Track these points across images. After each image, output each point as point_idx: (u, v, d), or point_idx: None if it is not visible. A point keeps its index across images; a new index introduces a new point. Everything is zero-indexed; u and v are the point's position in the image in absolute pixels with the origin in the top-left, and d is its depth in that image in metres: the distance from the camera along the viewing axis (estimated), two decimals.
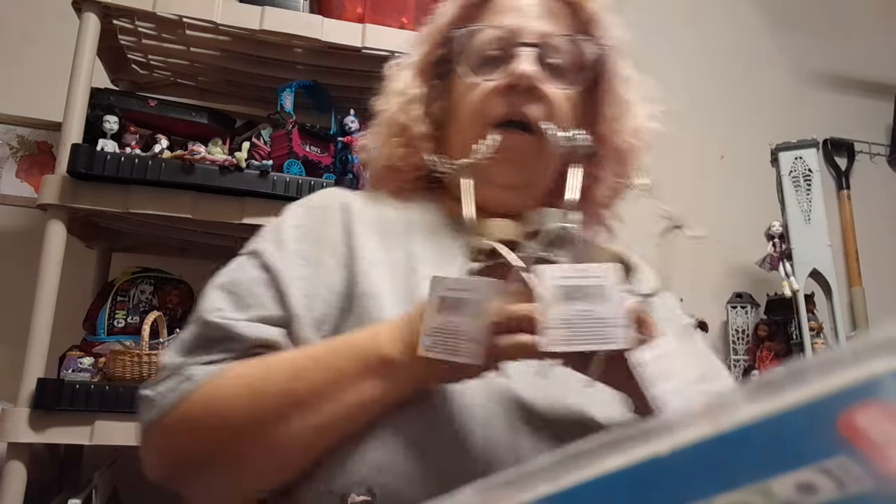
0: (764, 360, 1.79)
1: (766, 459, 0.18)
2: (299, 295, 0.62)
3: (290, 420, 0.55)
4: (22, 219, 1.54)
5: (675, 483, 0.19)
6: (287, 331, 0.62)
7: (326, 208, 0.71)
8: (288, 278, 0.63)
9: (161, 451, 0.61)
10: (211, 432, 0.58)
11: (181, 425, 0.59)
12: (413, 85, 0.75)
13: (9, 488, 1.07)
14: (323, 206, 0.71)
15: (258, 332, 0.61)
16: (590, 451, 0.19)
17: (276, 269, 0.63)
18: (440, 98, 0.76)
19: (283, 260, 0.64)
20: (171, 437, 0.60)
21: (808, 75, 2.21)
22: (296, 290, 0.62)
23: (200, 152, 1.19)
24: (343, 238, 0.67)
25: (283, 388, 0.56)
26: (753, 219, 1.91)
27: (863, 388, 0.17)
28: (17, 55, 1.61)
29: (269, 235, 0.68)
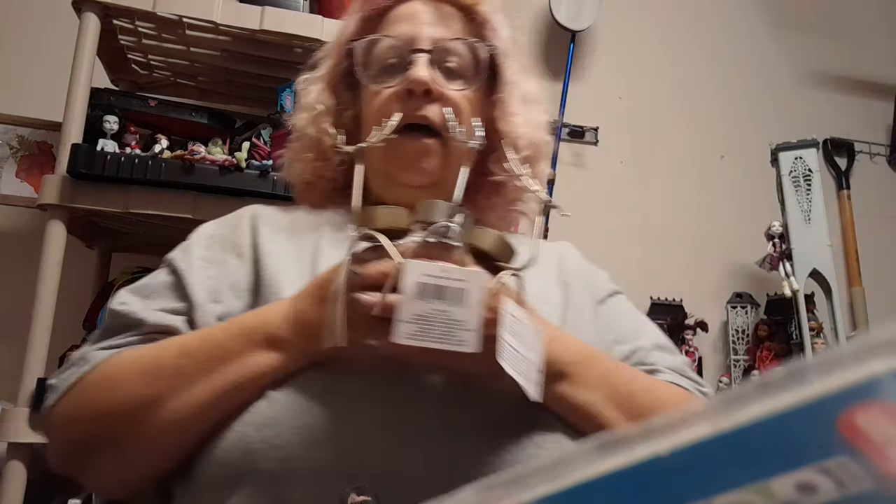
0: (764, 360, 1.79)
1: (765, 459, 0.18)
2: (202, 291, 0.66)
3: (179, 395, 0.57)
4: (22, 219, 1.54)
5: (675, 483, 0.19)
6: (188, 319, 0.64)
7: (238, 217, 0.76)
8: (190, 276, 0.66)
9: (58, 435, 0.63)
10: (104, 410, 0.59)
11: (76, 406, 0.60)
12: (322, 98, 0.79)
13: (9, 488, 1.07)
14: (235, 217, 0.76)
15: (158, 318, 0.64)
16: (590, 451, 0.19)
17: (180, 270, 0.67)
18: (350, 108, 0.80)
19: (186, 262, 0.68)
20: (67, 421, 0.61)
21: (808, 75, 2.21)
22: (198, 287, 0.66)
23: (200, 152, 1.19)
24: (250, 241, 0.71)
25: (172, 364, 0.58)
26: (753, 219, 1.91)
27: (863, 388, 0.17)
28: (17, 55, 1.61)
29: (180, 246, 0.72)
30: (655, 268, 1.97)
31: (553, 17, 1.92)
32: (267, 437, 0.53)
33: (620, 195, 2.02)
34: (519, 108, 0.78)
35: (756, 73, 2.17)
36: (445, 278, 0.51)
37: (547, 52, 2.04)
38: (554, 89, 2.00)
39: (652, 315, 1.92)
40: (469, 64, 0.76)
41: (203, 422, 0.57)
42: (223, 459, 0.55)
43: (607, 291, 0.79)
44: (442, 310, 0.50)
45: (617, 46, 2.09)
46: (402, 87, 0.72)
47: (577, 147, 2.02)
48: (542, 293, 0.70)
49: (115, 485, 0.64)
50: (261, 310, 0.62)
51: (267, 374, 0.57)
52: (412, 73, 0.71)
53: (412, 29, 0.75)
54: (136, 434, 0.58)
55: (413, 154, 0.72)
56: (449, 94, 0.73)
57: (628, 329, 0.74)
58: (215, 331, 0.61)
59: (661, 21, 2.14)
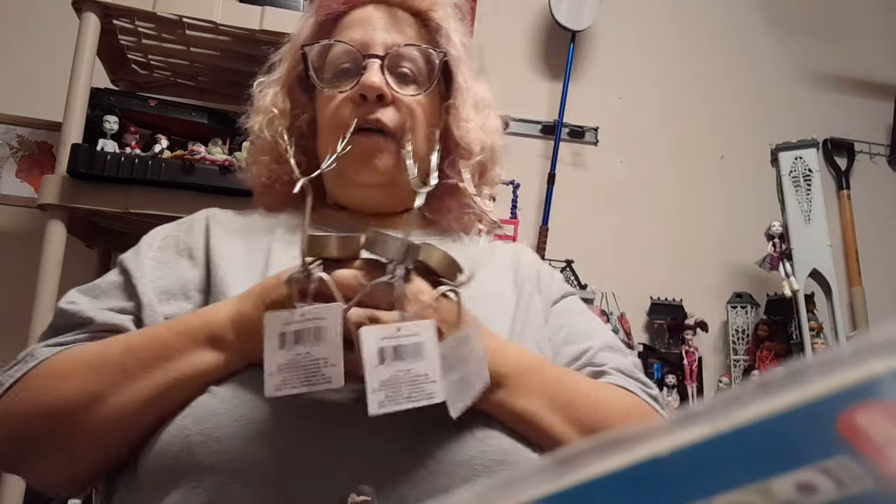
0: (764, 360, 1.79)
1: (765, 459, 0.18)
2: (151, 291, 0.66)
3: (122, 391, 0.57)
4: (22, 219, 1.54)
5: (675, 483, 0.19)
6: (136, 318, 0.65)
7: (193, 220, 0.76)
8: (140, 276, 0.67)
9: (1, 431, 0.62)
10: (46, 406, 0.59)
11: (18, 402, 0.60)
12: (276, 102, 0.80)
13: (9, 488, 1.07)
14: (189, 220, 0.77)
15: (105, 316, 0.64)
16: (590, 451, 0.19)
17: (129, 270, 0.68)
18: (306, 112, 0.81)
19: (136, 262, 0.69)
20: (9, 416, 0.60)
21: (808, 75, 2.21)
22: (147, 287, 0.66)
23: (200, 152, 1.19)
24: (203, 243, 0.71)
25: (116, 361, 0.58)
26: (753, 219, 1.91)
27: (863, 388, 0.17)
28: (17, 55, 1.61)
29: (133, 248, 0.73)
30: (655, 268, 1.97)
31: (553, 17, 1.92)
32: (206, 430, 0.53)
33: (620, 195, 2.02)
34: (471, 113, 0.79)
35: (756, 73, 2.17)
36: (401, 336, 0.51)
37: (547, 52, 2.04)
38: (554, 89, 2.00)
39: (652, 315, 1.92)
40: (422, 70, 0.77)
41: (144, 418, 0.57)
42: (163, 453, 0.55)
43: (560, 293, 0.80)
44: (404, 369, 0.51)
45: (617, 46, 2.09)
46: (356, 92, 0.73)
47: (577, 147, 2.02)
48: (495, 294, 0.72)
49: (59, 481, 0.63)
50: (206, 309, 0.62)
51: (208, 373, 0.57)
52: (365, 78, 0.72)
53: (366, 34, 0.76)
54: (79, 430, 0.58)
55: (366, 152, 0.73)
56: (401, 100, 0.74)
57: (579, 330, 0.75)
58: (161, 329, 0.61)
59: (660, 21, 2.14)
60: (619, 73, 2.08)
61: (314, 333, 0.51)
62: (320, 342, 0.51)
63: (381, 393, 0.50)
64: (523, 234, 1.86)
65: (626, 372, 0.71)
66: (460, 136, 0.77)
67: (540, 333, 0.72)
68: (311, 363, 0.51)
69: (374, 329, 0.52)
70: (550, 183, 1.92)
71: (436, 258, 0.57)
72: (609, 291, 1.85)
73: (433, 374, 0.51)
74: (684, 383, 1.80)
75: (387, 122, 0.73)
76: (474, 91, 0.80)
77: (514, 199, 1.85)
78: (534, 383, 0.60)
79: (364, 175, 0.75)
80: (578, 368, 0.71)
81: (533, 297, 0.75)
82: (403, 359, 0.51)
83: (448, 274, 0.58)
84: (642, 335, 1.92)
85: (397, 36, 0.76)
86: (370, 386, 0.50)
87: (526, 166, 1.95)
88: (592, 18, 1.93)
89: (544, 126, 1.99)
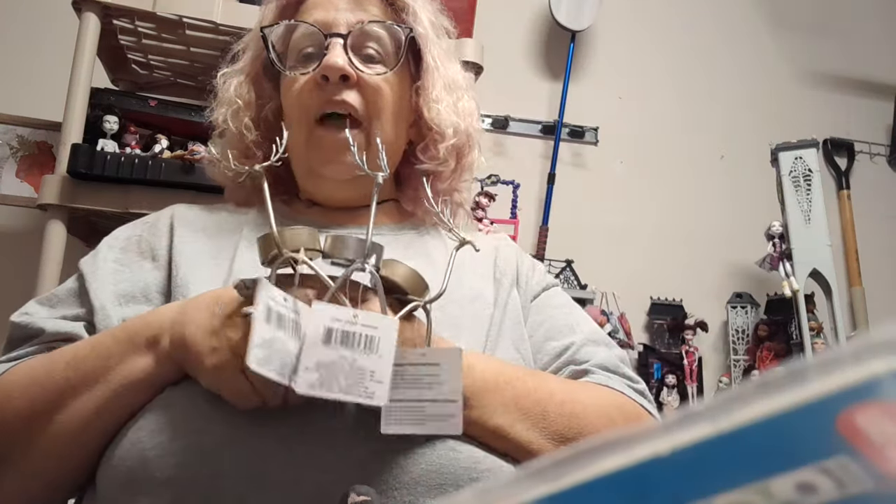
0: (764, 360, 1.79)
1: (765, 459, 0.18)
2: (107, 294, 0.64)
3: (67, 407, 0.55)
4: (22, 219, 1.54)
5: (675, 483, 0.19)
6: (88, 324, 0.63)
7: (157, 218, 0.74)
8: (94, 281, 0.65)
9: None
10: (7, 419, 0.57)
11: None
12: (241, 92, 0.77)
13: None
14: (154, 217, 0.74)
15: (56, 326, 0.63)
16: (590, 451, 0.19)
17: (84, 274, 0.66)
18: (272, 101, 0.78)
19: (93, 266, 0.67)
20: None
21: (808, 75, 2.21)
22: (101, 291, 0.64)
23: (200, 152, 1.19)
24: (167, 242, 0.69)
25: (60, 376, 0.56)
26: (753, 219, 1.91)
27: (863, 388, 0.17)
28: (17, 55, 1.61)
29: (92, 251, 0.71)
30: (655, 268, 1.97)
31: (553, 17, 1.92)
32: (161, 443, 0.51)
33: (620, 195, 2.02)
34: (442, 94, 0.76)
35: (756, 73, 2.17)
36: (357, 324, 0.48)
37: (547, 52, 2.04)
38: (554, 89, 2.00)
39: (652, 315, 1.92)
40: (388, 48, 0.74)
41: (94, 431, 0.55)
42: (118, 468, 0.53)
43: (541, 286, 0.77)
44: (347, 357, 0.47)
45: (617, 46, 2.09)
46: (318, 73, 0.70)
47: (576, 147, 2.02)
48: (474, 291, 0.69)
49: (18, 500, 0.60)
50: (151, 311, 0.60)
51: (147, 380, 0.55)
52: (327, 58, 0.69)
53: (328, 14, 0.73)
54: (28, 449, 0.56)
55: (333, 148, 0.70)
56: (367, 80, 0.71)
57: (561, 325, 0.72)
58: (105, 337, 0.59)
59: (661, 21, 2.14)
60: (619, 73, 2.08)
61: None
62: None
63: (314, 373, 0.46)
64: (523, 234, 1.86)
65: (611, 367, 0.68)
66: (431, 118, 0.75)
67: (518, 332, 0.69)
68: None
69: (330, 307, 0.48)
70: (550, 183, 1.92)
71: (400, 274, 0.54)
72: (609, 291, 1.85)
73: (381, 375, 0.47)
74: (684, 383, 1.80)
75: (353, 103, 0.70)
76: (445, 71, 0.77)
77: (514, 199, 1.85)
78: (506, 398, 0.57)
79: (331, 170, 0.73)
80: (561, 366, 0.69)
81: (511, 293, 0.72)
82: (351, 347, 0.47)
83: (415, 290, 0.55)
84: (642, 335, 1.92)
85: (361, 14, 0.73)
86: (303, 363, 0.46)
87: (526, 166, 1.95)
88: (592, 18, 1.93)
89: (544, 126, 1.99)
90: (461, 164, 0.79)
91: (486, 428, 0.56)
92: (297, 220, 0.72)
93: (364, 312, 0.49)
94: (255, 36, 0.79)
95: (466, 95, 0.80)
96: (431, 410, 0.50)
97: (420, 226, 0.80)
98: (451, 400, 0.50)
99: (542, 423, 0.58)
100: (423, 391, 0.51)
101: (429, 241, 0.78)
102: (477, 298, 0.69)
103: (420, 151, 0.77)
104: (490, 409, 0.56)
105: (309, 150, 0.72)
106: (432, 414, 0.50)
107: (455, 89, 0.78)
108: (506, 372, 0.60)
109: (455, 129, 0.76)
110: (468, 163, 0.80)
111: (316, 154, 0.72)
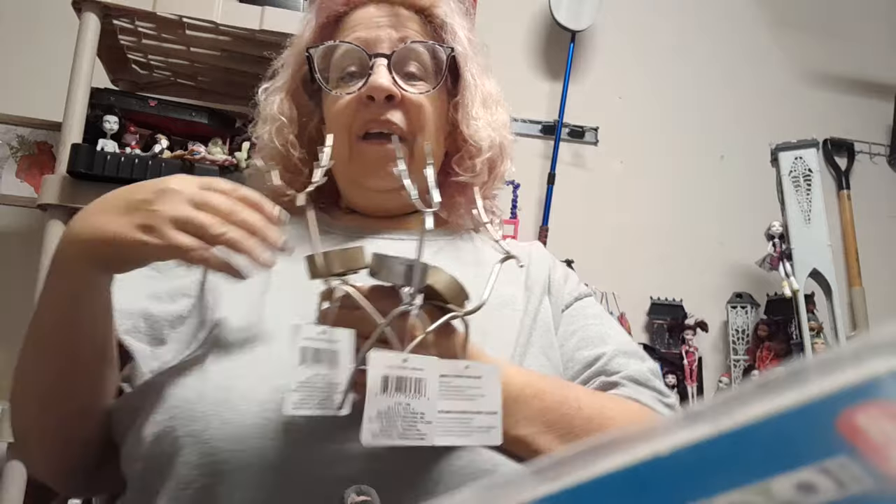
0: (764, 360, 1.79)
1: (765, 459, 0.18)
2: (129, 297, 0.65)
3: (38, 358, 0.61)
4: (22, 219, 1.54)
5: (675, 483, 0.19)
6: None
7: None
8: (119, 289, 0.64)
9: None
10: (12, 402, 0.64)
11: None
12: (283, 109, 0.79)
13: (9, 488, 1.07)
14: None
15: None
16: (590, 451, 0.19)
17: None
18: (313, 117, 0.80)
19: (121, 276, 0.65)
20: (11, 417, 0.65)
21: (808, 75, 2.21)
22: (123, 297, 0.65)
23: (200, 152, 1.19)
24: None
25: (28, 332, 0.63)
26: (753, 219, 1.91)
27: (863, 388, 0.17)
28: (17, 55, 1.61)
29: None
30: (655, 268, 1.97)
31: (553, 17, 1.92)
32: (194, 432, 0.53)
33: (620, 195, 2.02)
34: (480, 111, 0.78)
35: (756, 72, 2.17)
36: (404, 368, 0.50)
37: (547, 52, 2.04)
38: (554, 89, 2.00)
39: (652, 315, 1.92)
40: (429, 67, 0.76)
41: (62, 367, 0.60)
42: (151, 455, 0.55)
43: (573, 296, 0.77)
44: (402, 403, 0.50)
45: (617, 46, 2.09)
46: (364, 93, 0.71)
47: (577, 147, 2.02)
48: (503, 297, 0.69)
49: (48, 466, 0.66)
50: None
51: (60, 295, 0.58)
52: (373, 79, 0.71)
53: (370, 33, 0.74)
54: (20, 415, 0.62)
55: (377, 160, 0.72)
56: (410, 98, 0.73)
57: (593, 335, 0.72)
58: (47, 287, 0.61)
59: (660, 21, 2.14)
60: (619, 73, 2.08)
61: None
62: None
63: (376, 423, 0.49)
64: (523, 235, 1.86)
65: (641, 380, 0.68)
66: (469, 135, 0.77)
67: (547, 339, 0.70)
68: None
69: (383, 355, 0.50)
70: (550, 183, 1.92)
71: (443, 282, 0.55)
72: (609, 291, 1.85)
73: (429, 415, 0.50)
74: (684, 383, 1.80)
75: (397, 122, 0.72)
76: (482, 87, 0.79)
77: (514, 199, 1.85)
78: (532, 410, 0.58)
79: (375, 182, 0.74)
80: (591, 376, 0.69)
81: (542, 301, 0.73)
82: (404, 392, 0.50)
83: (455, 300, 0.56)
84: (642, 335, 1.92)
85: (403, 31, 0.75)
86: (368, 414, 0.48)
87: (526, 166, 1.95)
88: (592, 18, 1.93)
89: (544, 126, 1.99)
90: (494, 173, 0.82)
91: (508, 436, 0.56)
92: (336, 228, 0.75)
93: (412, 356, 0.51)
94: (294, 52, 0.80)
95: (500, 108, 0.83)
96: (476, 422, 0.52)
97: (453, 232, 0.82)
98: (492, 412, 0.52)
99: (568, 437, 0.58)
100: (468, 403, 0.53)
101: (461, 247, 0.79)
102: (506, 305, 0.70)
103: (455, 163, 0.79)
104: (514, 420, 0.57)
105: (352, 163, 0.74)
106: (477, 426, 0.52)
107: (491, 103, 0.81)
108: (534, 384, 0.60)
109: (491, 142, 0.78)
110: (500, 172, 0.83)
111: (359, 167, 0.73)
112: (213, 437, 0.52)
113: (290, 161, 0.78)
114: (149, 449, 0.55)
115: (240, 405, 0.54)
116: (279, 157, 0.78)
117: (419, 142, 0.73)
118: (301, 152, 0.78)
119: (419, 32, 0.77)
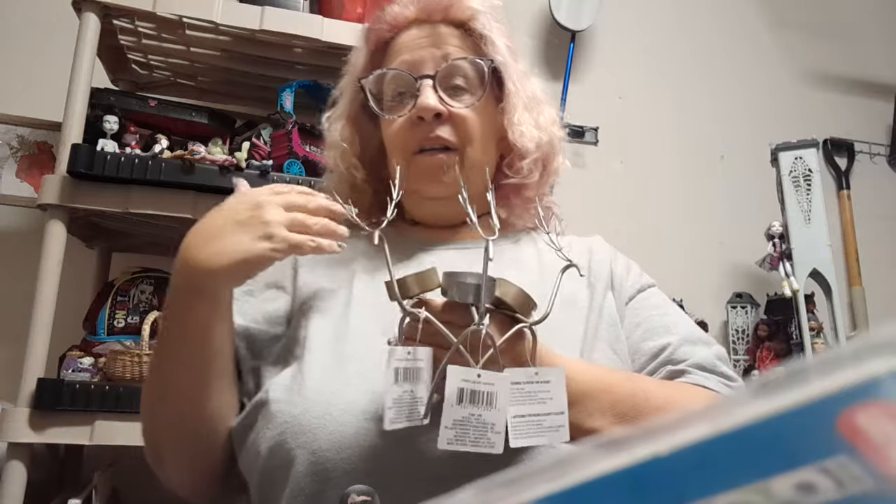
0: (764, 360, 1.79)
1: (765, 459, 0.18)
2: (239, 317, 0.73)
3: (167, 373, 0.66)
4: (22, 219, 1.54)
5: (675, 483, 0.19)
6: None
7: None
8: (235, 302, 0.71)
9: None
10: (142, 414, 0.70)
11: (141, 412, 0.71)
12: (344, 135, 0.85)
13: (9, 488, 1.07)
14: None
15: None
16: (590, 451, 0.19)
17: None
18: (374, 138, 0.86)
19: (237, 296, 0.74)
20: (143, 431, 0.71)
21: (808, 75, 2.21)
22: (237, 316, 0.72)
23: (200, 152, 1.19)
24: (291, 273, 0.77)
25: (154, 351, 0.69)
26: (753, 219, 1.91)
27: (863, 388, 0.17)
28: (17, 55, 1.61)
29: None
30: (655, 268, 1.96)
31: (553, 17, 1.92)
32: (304, 444, 0.59)
33: (620, 195, 2.02)
34: (524, 116, 0.81)
35: (756, 73, 2.17)
36: (478, 383, 0.55)
37: (547, 52, 2.04)
38: (554, 89, 2.00)
39: None
40: (473, 79, 0.79)
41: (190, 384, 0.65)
42: (268, 467, 0.61)
43: (635, 288, 0.82)
44: (475, 414, 0.55)
45: (617, 46, 2.09)
46: (414, 114, 0.76)
47: (577, 147, 2.02)
48: (570, 296, 0.73)
49: (177, 481, 0.71)
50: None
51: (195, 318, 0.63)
52: (421, 100, 0.76)
53: (413, 56, 0.79)
54: (154, 426, 0.68)
55: (432, 169, 0.77)
56: (457, 113, 0.77)
57: (657, 325, 0.76)
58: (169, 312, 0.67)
59: (660, 21, 2.14)
60: (619, 73, 2.08)
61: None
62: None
63: (452, 431, 0.54)
64: None
65: (707, 367, 0.71)
66: (514, 140, 0.80)
67: (614, 333, 0.73)
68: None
69: (459, 369, 0.55)
70: None
71: (511, 294, 0.59)
72: None
73: (499, 426, 0.55)
74: None
75: (447, 137, 0.77)
76: (524, 92, 0.83)
77: None
78: (603, 404, 0.62)
79: (432, 189, 0.78)
80: (658, 366, 0.72)
81: (606, 296, 0.77)
82: (477, 404, 0.55)
83: (523, 310, 0.60)
84: None
85: (444, 49, 0.79)
86: (445, 422, 0.53)
87: None
88: (592, 18, 1.93)
89: None
90: (546, 171, 0.86)
91: (582, 429, 0.60)
92: (401, 239, 0.80)
93: (485, 372, 0.56)
94: (350, 80, 0.87)
95: (548, 107, 0.86)
96: (547, 423, 0.57)
97: (512, 233, 0.85)
98: (560, 412, 0.57)
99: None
100: (539, 406, 0.57)
101: (522, 249, 0.84)
102: (571, 303, 0.73)
103: (506, 166, 0.83)
104: (587, 414, 0.61)
105: (411, 175, 0.78)
106: (548, 426, 0.57)
107: (535, 105, 0.84)
108: (604, 380, 0.64)
109: (538, 143, 0.81)
110: (553, 169, 0.88)
111: (418, 178, 0.78)
112: (321, 448, 0.59)
113: (355, 182, 0.84)
114: (265, 461, 0.62)
115: (341, 417, 0.60)
116: (345, 179, 0.85)
117: (469, 152, 0.78)
118: (363, 173, 0.84)
119: (460, 47, 0.80)
